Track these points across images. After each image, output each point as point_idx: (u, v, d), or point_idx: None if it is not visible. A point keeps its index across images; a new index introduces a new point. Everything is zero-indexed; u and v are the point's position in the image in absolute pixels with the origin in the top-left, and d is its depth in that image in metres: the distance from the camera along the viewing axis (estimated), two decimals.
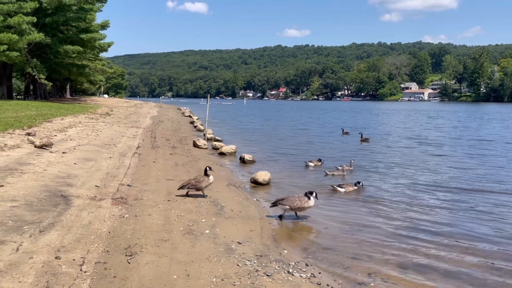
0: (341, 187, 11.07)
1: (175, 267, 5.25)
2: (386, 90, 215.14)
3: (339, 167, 13.90)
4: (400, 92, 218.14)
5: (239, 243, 6.41)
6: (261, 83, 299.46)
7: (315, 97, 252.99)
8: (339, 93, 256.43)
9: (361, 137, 24.75)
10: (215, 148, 18.27)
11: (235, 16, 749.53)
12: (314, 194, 8.18)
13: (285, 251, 6.37)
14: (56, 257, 5.03)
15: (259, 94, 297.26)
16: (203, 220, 7.43)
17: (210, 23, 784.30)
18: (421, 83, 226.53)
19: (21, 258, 4.91)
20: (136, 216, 7.25)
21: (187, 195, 9.14)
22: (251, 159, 15.40)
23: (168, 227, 6.83)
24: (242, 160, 15.30)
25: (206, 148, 18.43)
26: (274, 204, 8.25)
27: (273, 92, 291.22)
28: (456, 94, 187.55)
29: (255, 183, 11.44)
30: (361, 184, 11.38)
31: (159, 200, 8.54)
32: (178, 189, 9.15)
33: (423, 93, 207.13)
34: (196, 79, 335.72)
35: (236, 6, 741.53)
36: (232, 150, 17.42)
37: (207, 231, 6.82)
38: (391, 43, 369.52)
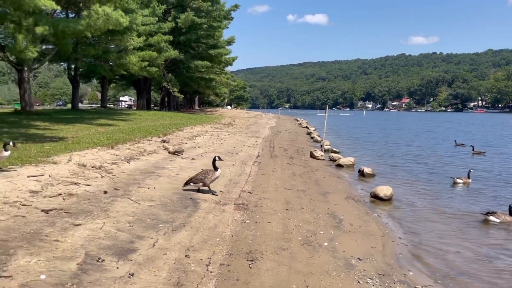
0: None
1: (294, 277, 5.26)
2: None
3: (459, 179, 13.56)
4: None
5: (360, 259, 6.17)
6: (381, 93, 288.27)
7: (443, 108, 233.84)
8: (471, 104, 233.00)
9: (473, 150, 23.98)
10: (332, 160, 18.01)
11: (355, 26, 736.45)
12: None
13: (410, 273, 5.93)
14: (186, 256, 5.43)
15: (379, 105, 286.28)
16: (321, 232, 7.33)
17: (330, 34, 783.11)
18: None
19: (157, 253, 5.41)
20: (256, 222, 7.48)
21: None
22: (370, 172, 14.81)
23: (286, 236, 6.89)
24: (361, 173, 14.79)
25: (323, 159, 18.28)
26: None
27: (394, 103, 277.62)
28: None
29: (376, 197, 10.94)
30: None
31: (278, 209, 8.69)
32: None
33: None
34: (314, 90, 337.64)
35: (358, 15, 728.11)
36: (350, 162, 16.98)
37: (325, 244, 6.71)
38: None
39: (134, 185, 8.94)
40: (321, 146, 22.71)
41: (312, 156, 18.59)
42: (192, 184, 8.95)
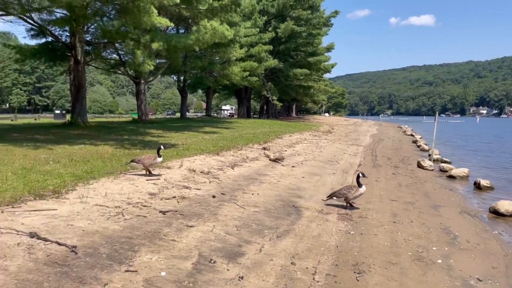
0: None
1: None
2: None
3: None
4: None
5: (479, 280, 5.61)
6: (498, 98, 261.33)
7: None
8: None
9: None
10: (443, 170, 16.72)
11: (466, 25, 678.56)
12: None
13: None
14: (291, 263, 5.47)
15: (495, 111, 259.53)
16: (434, 248, 6.82)
17: (437, 36, 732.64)
18: None
19: (263, 258, 5.53)
20: (361, 234, 7.25)
21: None
22: (488, 185, 13.43)
23: (395, 250, 6.55)
24: (477, 186, 13.48)
25: (432, 170, 17.05)
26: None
27: None
28: None
29: (496, 213, 9.86)
30: None
31: (384, 221, 8.31)
32: None
33: None
34: (419, 95, 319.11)
35: (469, 14, 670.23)
36: (464, 174, 15.58)
37: (439, 261, 6.23)
38: None
39: (239, 191, 9.28)
40: (429, 155, 21.23)
41: (420, 166, 17.48)
42: (335, 198, 8.87)
